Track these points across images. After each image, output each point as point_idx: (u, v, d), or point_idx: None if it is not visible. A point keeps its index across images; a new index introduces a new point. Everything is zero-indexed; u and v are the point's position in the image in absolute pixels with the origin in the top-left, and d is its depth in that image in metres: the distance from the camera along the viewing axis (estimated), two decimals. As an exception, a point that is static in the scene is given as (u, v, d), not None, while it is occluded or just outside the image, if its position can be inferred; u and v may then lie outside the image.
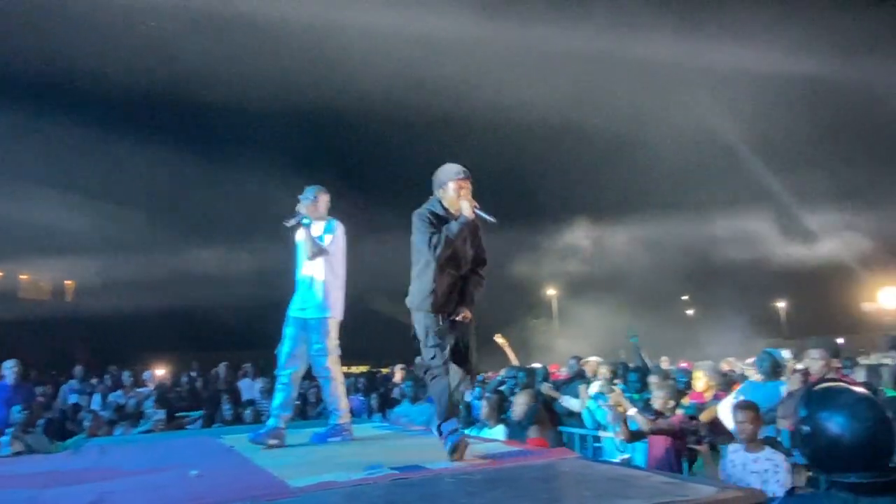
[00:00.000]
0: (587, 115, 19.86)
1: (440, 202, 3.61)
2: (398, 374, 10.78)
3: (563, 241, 24.73)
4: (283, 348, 4.33)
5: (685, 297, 32.26)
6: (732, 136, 21.02)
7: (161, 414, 6.74)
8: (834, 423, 1.60)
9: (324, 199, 4.49)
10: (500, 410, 5.86)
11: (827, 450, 1.61)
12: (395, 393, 9.22)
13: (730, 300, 24.62)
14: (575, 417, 6.51)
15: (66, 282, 24.49)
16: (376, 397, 8.40)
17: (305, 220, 4.34)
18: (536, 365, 10.03)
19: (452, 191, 3.57)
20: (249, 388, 8.77)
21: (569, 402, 6.61)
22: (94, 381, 9.72)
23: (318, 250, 4.30)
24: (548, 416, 6.16)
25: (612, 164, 23.31)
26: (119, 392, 8.50)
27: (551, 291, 30.00)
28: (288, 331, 4.34)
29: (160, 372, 9.67)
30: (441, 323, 3.50)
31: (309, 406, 8.07)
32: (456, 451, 3.28)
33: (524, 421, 5.49)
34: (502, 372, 8.54)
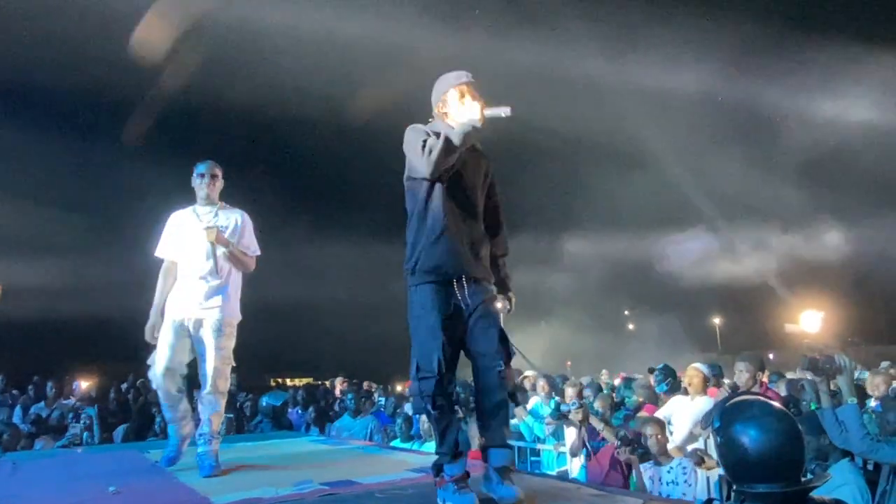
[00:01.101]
0: (529, 131, 20.16)
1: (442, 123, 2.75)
2: (339, 386, 10.62)
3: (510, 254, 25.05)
4: None
5: (626, 312, 33.12)
6: (664, 152, 21.76)
7: (78, 428, 6.42)
8: (745, 435, 1.65)
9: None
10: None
11: (738, 461, 1.66)
12: (337, 406, 9.08)
13: (669, 315, 25.42)
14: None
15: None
16: (314, 410, 8.24)
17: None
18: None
19: (455, 100, 2.75)
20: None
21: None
22: (15, 391, 9.19)
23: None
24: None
25: (553, 179, 23.82)
26: (41, 403, 8.07)
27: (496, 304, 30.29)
28: None
29: (86, 384, 9.24)
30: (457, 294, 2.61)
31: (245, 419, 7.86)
32: None
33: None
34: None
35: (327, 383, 12.23)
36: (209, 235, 3.63)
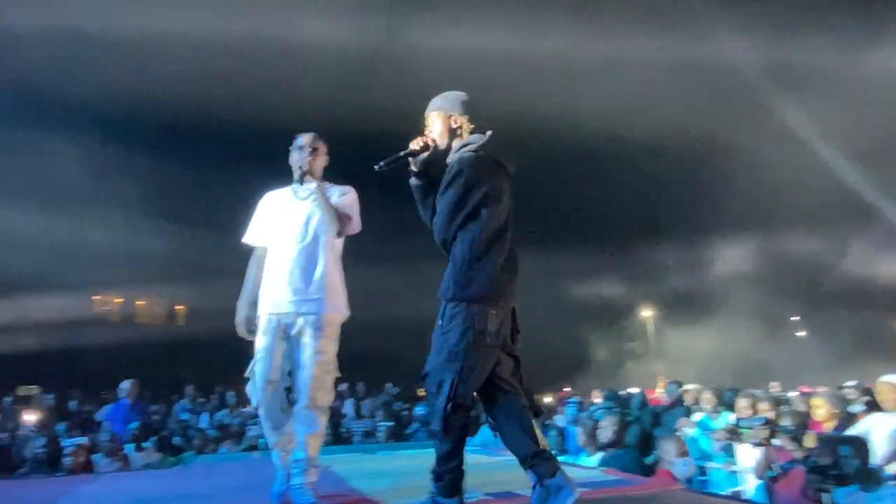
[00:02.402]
0: (683, 127, 19.05)
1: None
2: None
3: (659, 259, 23.71)
4: None
5: (795, 318, 30.08)
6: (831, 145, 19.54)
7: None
8: None
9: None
10: (597, 437, 5.63)
11: None
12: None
13: (842, 321, 22.71)
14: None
15: (177, 307, 26.21)
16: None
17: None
18: (633, 390, 9.64)
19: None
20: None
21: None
22: (202, 400, 10.27)
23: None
24: (645, 443, 5.87)
25: (712, 178, 22.25)
26: (225, 411, 8.93)
27: (646, 313, 28.84)
28: None
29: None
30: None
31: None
32: None
33: (618, 446, 5.24)
34: (598, 398, 8.27)
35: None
36: (301, 178, 3.18)
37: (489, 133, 2.77)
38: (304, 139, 3.24)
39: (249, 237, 3.29)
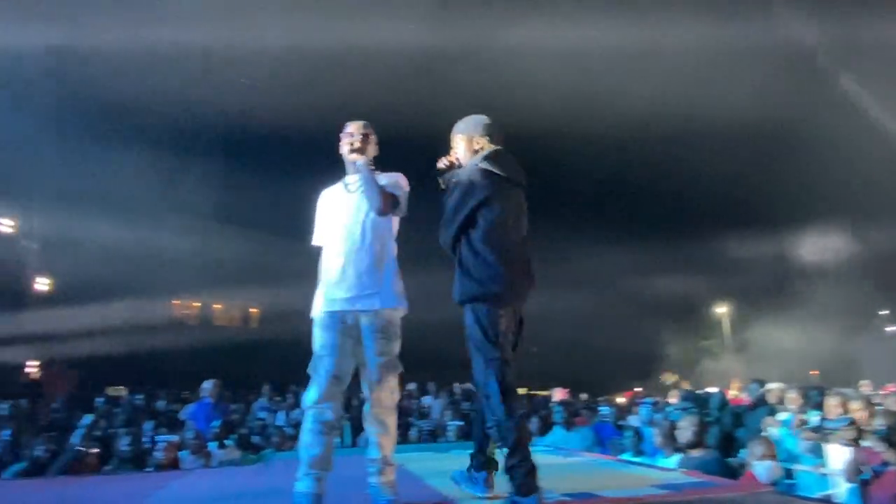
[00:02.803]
0: (758, 113, 18.18)
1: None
2: (557, 396, 10.56)
3: (735, 252, 22.65)
4: None
5: (884, 312, 28.23)
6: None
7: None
8: None
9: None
10: (675, 438, 5.47)
11: None
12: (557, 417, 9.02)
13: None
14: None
15: (251, 310, 27.15)
16: (537, 421, 8.25)
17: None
18: (712, 390, 9.31)
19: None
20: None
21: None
22: (278, 399, 10.59)
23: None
24: (726, 444, 5.65)
25: (790, 166, 21.13)
26: (300, 410, 9.17)
27: (722, 309, 27.73)
28: None
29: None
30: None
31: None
32: None
33: (698, 448, 5.07)
34: (675, 399, 8.02)
35: (546, 393, 12.24)
36: (350, 153, 3.11)
37: (492, 149, 3.09)
38: (353, 126, 3.19)
39: (316, 239, 3.25)
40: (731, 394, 10.88)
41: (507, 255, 2.89)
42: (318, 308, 3.02)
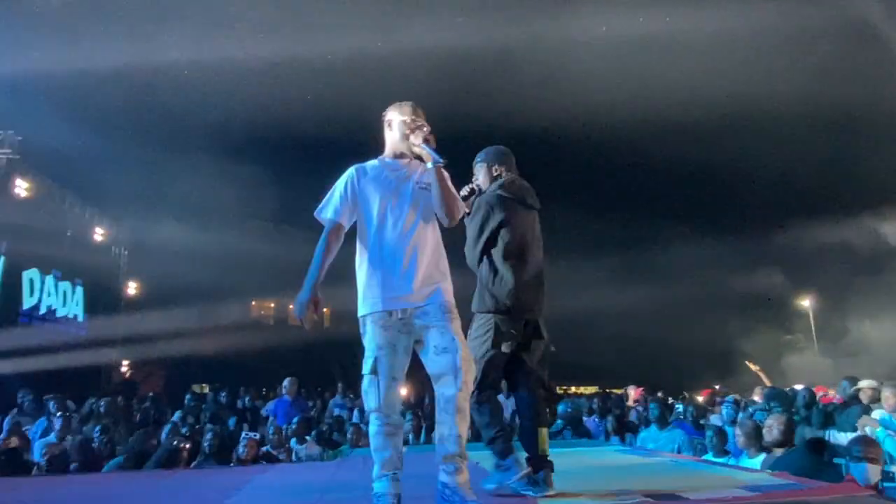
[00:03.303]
0: (837, 98, 17.18)
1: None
2: (632, 394, 10.33)
3: (822, 240, 21.37)
4: None
5: None
6: None
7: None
8: None
9: None
10: (759, 438, 5.24)
11: None
12: (635, 416, 8.83)
13: None
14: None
15: (324, 309, 27.96)
16: (612, 420, 8.10)
17: None
18: (798, 387, 8.87)
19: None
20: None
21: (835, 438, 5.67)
22: (352, 396, 10.85)
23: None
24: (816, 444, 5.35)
25: (881, 148, 19.80)
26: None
27: (807, 303, 26.26)
28: None
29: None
30: None
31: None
32: None
33: (786, 447, 4.83)
34: (759, 397, 7.69)
35: (620, 391, 11.99)
36: (416, 136, 2.88)
37: (509, 177, 3.47)
38: (421, 114, 2.99)
39: (340, 215, 2.97)
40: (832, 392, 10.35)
41: (522, 272, 3.29)
42: (372, 304, 2.83)
